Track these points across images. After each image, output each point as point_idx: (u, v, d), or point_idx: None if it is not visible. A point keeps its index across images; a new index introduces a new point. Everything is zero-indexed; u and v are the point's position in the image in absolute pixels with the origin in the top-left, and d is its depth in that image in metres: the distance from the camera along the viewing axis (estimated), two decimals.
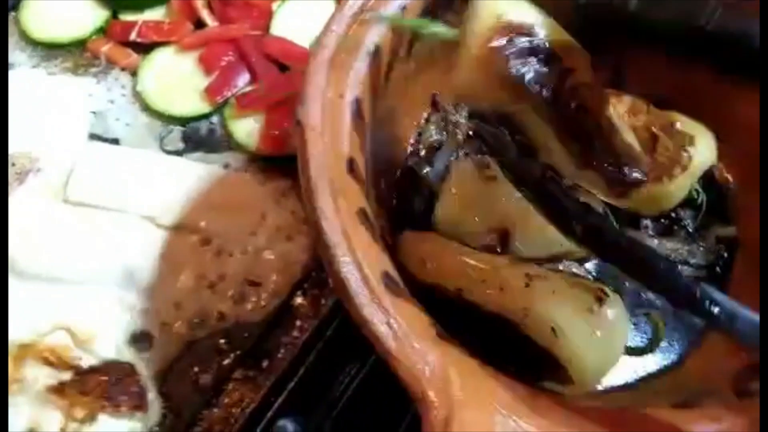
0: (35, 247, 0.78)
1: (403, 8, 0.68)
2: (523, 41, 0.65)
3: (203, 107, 0.95)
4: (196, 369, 0.77)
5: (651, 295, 0.70)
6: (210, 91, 0.96)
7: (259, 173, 0.91)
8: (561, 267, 0.68)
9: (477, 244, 0.69)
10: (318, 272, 0.85)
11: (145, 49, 0.99)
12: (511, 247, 0.69)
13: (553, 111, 0.67)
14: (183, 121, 0.95)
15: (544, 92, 0.65)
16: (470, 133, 0.77)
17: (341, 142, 0.59)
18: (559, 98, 0.66)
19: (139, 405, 0.72)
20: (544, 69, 0.65)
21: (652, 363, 0.70)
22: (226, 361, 0.78)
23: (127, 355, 0.76)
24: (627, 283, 0.69)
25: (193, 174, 0.88)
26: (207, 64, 0.98)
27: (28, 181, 0.84)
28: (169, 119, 0.95)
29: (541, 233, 0.69)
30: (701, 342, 0.71)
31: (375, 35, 0.65)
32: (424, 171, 0.77)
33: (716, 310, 0.50)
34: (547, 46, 0.65)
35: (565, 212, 0.58)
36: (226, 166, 0.91)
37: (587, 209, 0.66)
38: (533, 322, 0.60)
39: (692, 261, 0.74)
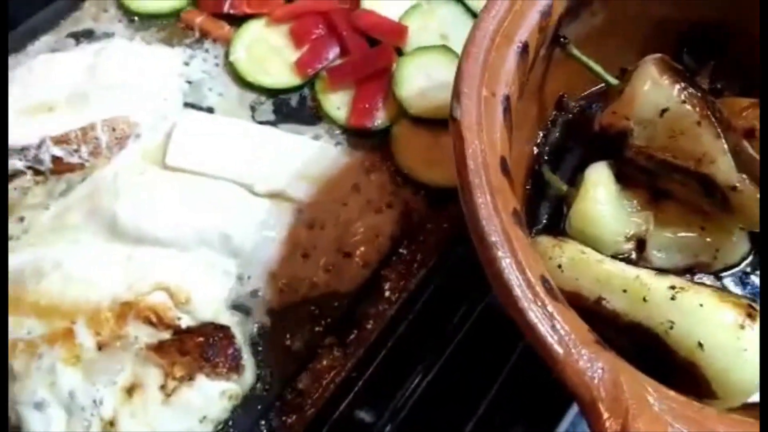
0: (136, 210, 0.80)
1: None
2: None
3: (294, 79, 0.96)
4: (288, 335, 0.78)
5: None
6: (300, 64, 0.96)
7: (349, 146, 0.91)
8: (696, 279, 0.66)
9: (611, 251, 0.66)
10: (406, 246, 0.85)
11: (237, 21, 1.00)
12: (647, 255, 0.67)
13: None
14: (274, 92, 0.96)
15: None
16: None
17: (495, 141, 0.58)
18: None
19: (235, 367, 0.74)
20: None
21: None
22: (317, 329, 0.78)
23: (224, 317, 0.77)
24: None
25: (285, 145, 0.89)
26: (297, 37, 0.99)
27: (129, 146, 0.86)
28: (261, 90, 0.95)
29: (677, 242, 0.67)
30: None
31: (525, 32, 0.63)
32: (553, 174, 0.75)
33: None
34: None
35: None
36: (317, 137, 0.91)
37: None
38: (678, 335, 0.58)
39: None
